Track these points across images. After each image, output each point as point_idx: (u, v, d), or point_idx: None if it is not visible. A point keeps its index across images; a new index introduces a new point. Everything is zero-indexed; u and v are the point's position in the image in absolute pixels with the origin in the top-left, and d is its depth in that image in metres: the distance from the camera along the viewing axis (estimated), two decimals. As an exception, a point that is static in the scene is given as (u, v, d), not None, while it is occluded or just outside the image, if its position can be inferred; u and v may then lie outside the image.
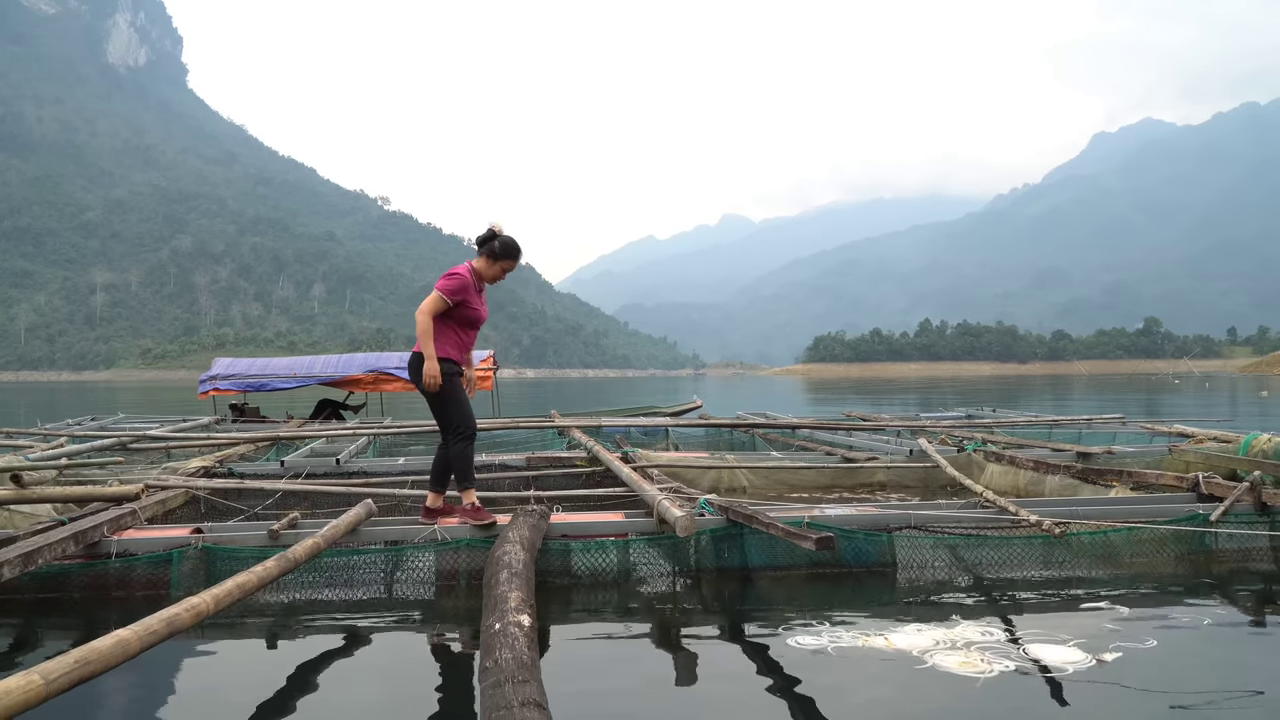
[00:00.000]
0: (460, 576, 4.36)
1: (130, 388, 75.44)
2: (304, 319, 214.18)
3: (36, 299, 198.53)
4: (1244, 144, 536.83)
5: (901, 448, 8.40)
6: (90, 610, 4.08)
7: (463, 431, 4.88)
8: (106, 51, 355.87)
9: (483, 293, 4.97)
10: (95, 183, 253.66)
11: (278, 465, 7.55)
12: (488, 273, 4.90)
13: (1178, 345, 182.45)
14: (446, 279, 4.79)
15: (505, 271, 4.93)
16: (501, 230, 4.89)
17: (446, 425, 4.93)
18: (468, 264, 4.88)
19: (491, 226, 4.91)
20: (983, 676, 3.06)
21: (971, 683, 3.01)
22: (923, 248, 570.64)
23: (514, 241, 4.90)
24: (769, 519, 4.33)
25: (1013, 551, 4.59)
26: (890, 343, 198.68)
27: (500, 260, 4.88)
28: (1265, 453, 5.98)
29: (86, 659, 2.29)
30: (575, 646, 3.59)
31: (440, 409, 4.88)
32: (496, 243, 4.85)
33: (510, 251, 4.89)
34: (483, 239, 4.88)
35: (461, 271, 4.82)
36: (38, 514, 5.23)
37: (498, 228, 4.90)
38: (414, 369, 4.88)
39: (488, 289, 5.05)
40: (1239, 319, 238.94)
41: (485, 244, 4.88)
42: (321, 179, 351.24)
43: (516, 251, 4.92)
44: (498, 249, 4.85)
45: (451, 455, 4.89)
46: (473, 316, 4.88)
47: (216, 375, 14.37)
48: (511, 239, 4.89)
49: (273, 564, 3.51)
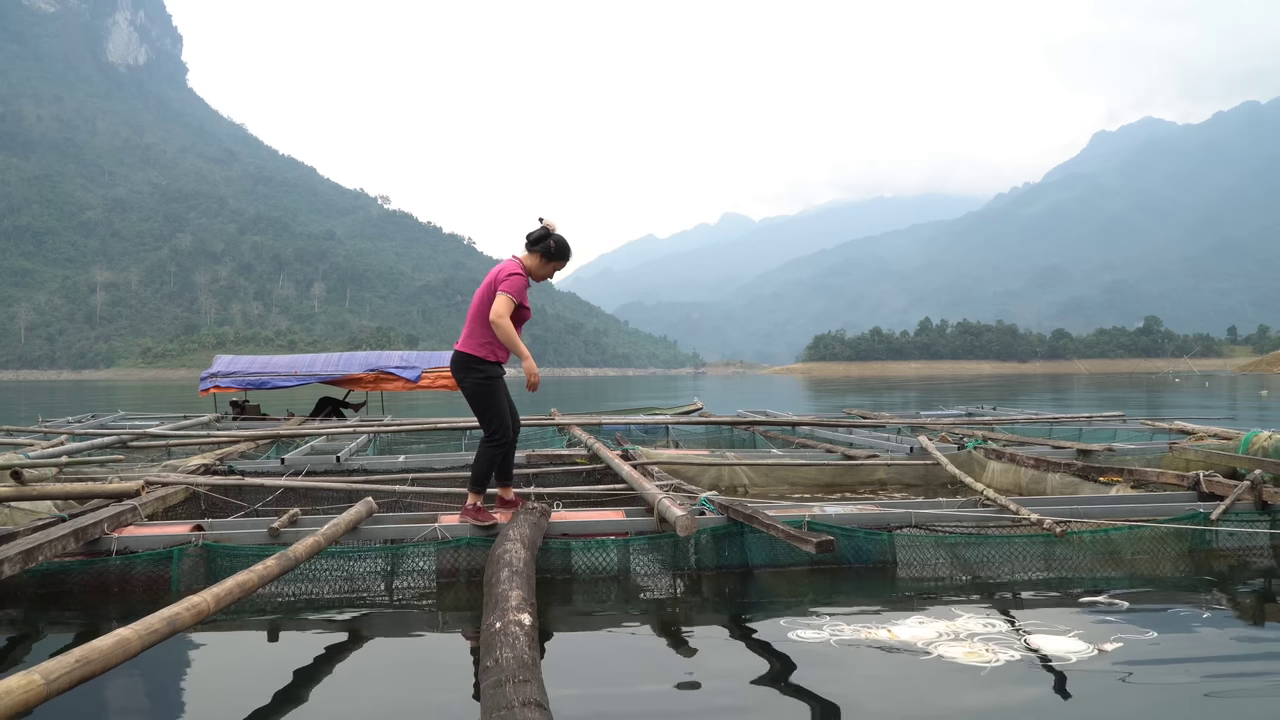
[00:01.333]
0: (461, 574, 4.35)
1: (130, 386, 75.43)
2: (304, 318, 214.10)
3: (36, 298, 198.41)
4: (1244, 143, 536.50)
5: (902, 445, 8.40)
6: (90, 607, 4.07)
7: (495, 438, 4.79)
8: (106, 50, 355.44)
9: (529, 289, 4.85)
10: (95, 181, 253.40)
11: (278, 463, 7.54)
12: (540, 271, 4.81)
13: (1178, 344, 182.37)
14: (512, 279, 4.64)
15: (555, 272, 4.85)
16: (555, 228, 4.77)
17: (483, 426, 4.87)
18: (517, 261, 4.75)
19: (545, 224, 4.78)
20: (989, 665, 3.07)
21: (977, 671, 3.02)
22: (923, 246, 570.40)
23: (567, 242, 4.80)
24: (769, 519, 4.32)
25: (1014, 550, 4.58)
26: (890, 341, 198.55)
27: (553, 260, 4.79)
28: (1265, 450, 5.97)
29: (87, 658, 2.29)
30: (576, 645, 3.58)
31: (479, 410, 4.82)
32: (552, 242, 4.75)
33: (564, 252, 4.81)
34: (536, 236, 4.75)
35: (518, 270, 4.68)
36: (38, 511, 5.23)
37: (551, 225, 4.78)
38: (457, 367, 4.81)
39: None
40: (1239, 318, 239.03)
41: (539, 242, 4.75)
42: (321, 178, 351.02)
43: (569, 253, 4.84)
44: (553, 249, 4.76)
45: (478, 453, 4.84)
46: (523, 315, 4.79)
47: (217, 373, 14.36)
48: (565, 240, 4.78)
49: (273, 562, 3.51)
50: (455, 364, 4.83)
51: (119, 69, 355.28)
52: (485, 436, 4.83)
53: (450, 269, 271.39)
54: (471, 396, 4.78)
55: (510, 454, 4.97)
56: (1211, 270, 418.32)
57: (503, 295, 4.61)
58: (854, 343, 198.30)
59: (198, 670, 3.37)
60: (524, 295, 4.69)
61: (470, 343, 4.78)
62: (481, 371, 4.74)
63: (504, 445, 4.82)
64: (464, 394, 4.83)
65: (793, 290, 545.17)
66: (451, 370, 4.88)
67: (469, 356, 4.76)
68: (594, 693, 3.03)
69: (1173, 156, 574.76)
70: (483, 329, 4.73)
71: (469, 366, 4.77)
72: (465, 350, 4.78)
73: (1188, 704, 2.86)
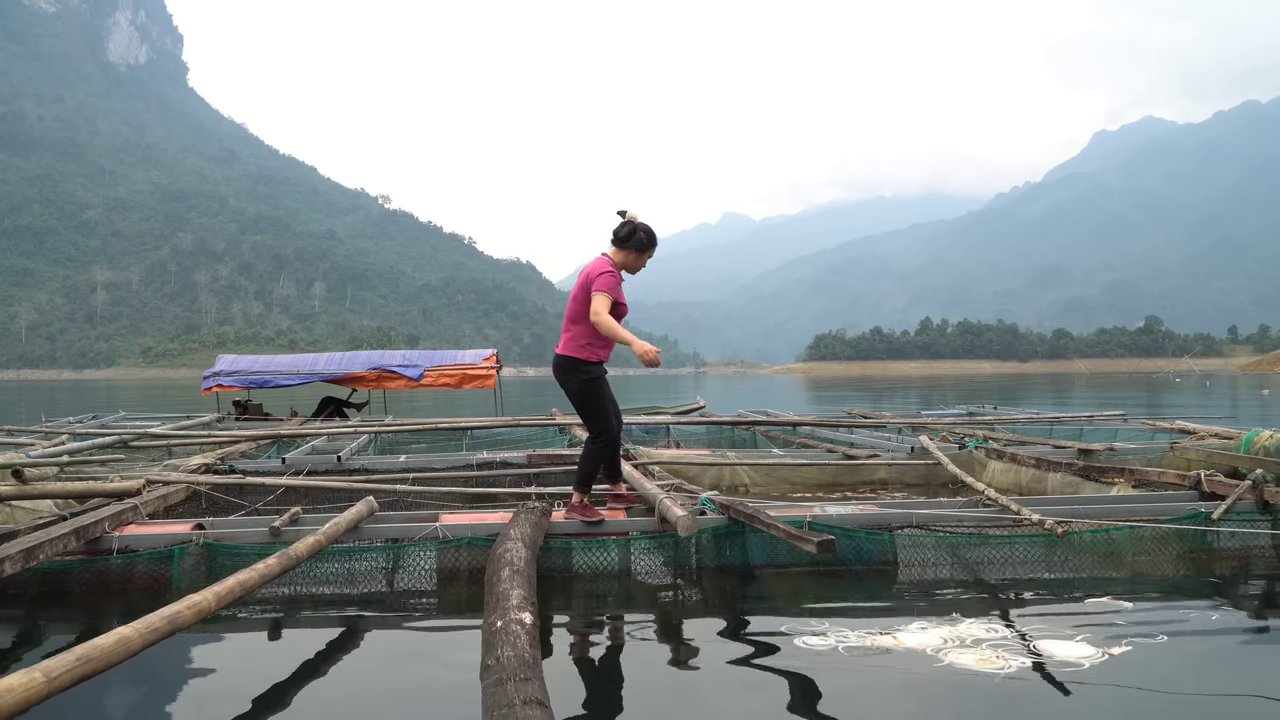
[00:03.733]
0: (462, 573, 4.35)
1: (131, 386, 75.45)
2: (305, 317, 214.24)
3: (37, 297, 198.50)
4: (1245, 142, 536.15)
5: (903, 445, 8.39)
6: (91, 606, 4.07)
7: (601, 438, 4.83)
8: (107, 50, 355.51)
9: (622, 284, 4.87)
10: (96, 181, 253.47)
11: (279, 462, 7.55)
12: (633, 265, 4.84)
13: (1178, 344, 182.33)
14: (604, 277, 4.65)
15: (646, 262, 4.88)
16: (637, 218, 4.79)
17: (588, 427, 4.91)
18: (607, 259, 4.77)
19: (629, 216, 4.79)
20: (1001, 672, 3.05)
21: (990, 679, 3.00)
22: (923, 246, 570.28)
23: (653, 231, 4.83)
24: (770, 519, 4.32)
25: (1015, 551, 4.58)
26: (891, 341, 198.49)
27: (645, 251, 4.82)
28: (1267, 450, 5.96)
29: (88, 656, 2.29)
30: (577, 644, 3.58)
31: (585, 411, 4.84)
32: (642, 234, 4.77)
33: (654, 240, 4.83)
34: (626, 233, 4.76)
35: (610, 268, 4.71)
36: (39, 510, 5.23)
37: (634, 217, 4.79)
38: (559, 370, 4.84)
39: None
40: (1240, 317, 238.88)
41: (631, 237, 4.76)
42: (322, 177, 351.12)
43: (656, 240, 4.86)
44: (644, 239, 4.78)
45: (583, 453, 4.90)
46: (620, 311, 4.80)
47: (220, 372, 14.38)
48: (650, 226, 4.80)
49: (274, 561, 3.51)
50: (558, 367, 4.86)
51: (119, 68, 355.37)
52: (590, 437, 4.88)
53: (451, 269, 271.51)
54: (576, 398, 4.82)
55: (616, 452, 5.04)
56: (1212, 269, 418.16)
57: (599, 295, 4.63)
58: (854, 342, 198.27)
59: (199, 669, 3.37)
60: (619, 291, 4.74)
61: (571, 345, 4.80)
62: (585, 373, 4.77)
63: (610, 445, 4.88)
64: (568, 396, 4.86)
65: (793, 290, 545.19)
66: (554, 373, 4.91)
67: (571, 359, 4.79)
68: (595, 692, 3.03)
69: (1173, 156, 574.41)
70: (581, 330, 4.76)
71: (572, 369, 4.80)
72: (566, 353, 4.81)
73: (1205, 708, 2.84)
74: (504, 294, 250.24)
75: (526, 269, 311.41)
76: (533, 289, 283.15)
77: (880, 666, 3.18)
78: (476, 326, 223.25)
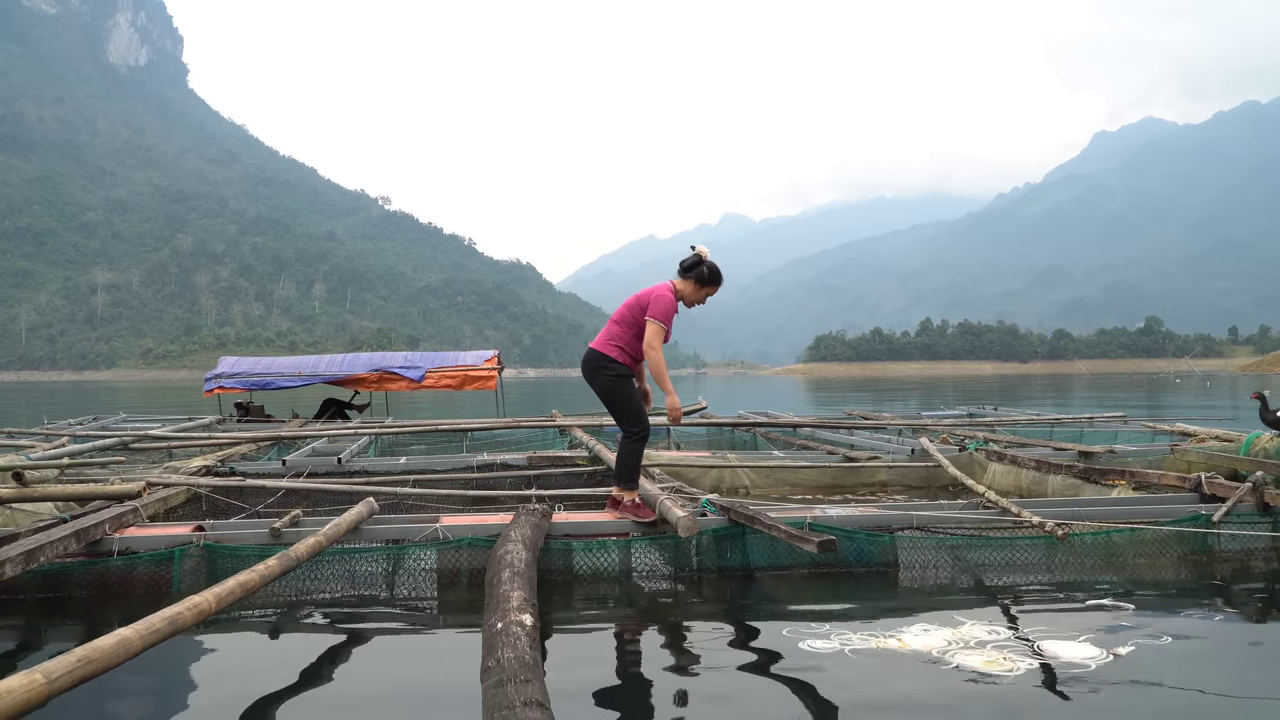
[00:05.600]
0: (462, 575, 4.35)
1: (131, 388, 75.46)
2: (305, 319, 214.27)
3: (37, 299, 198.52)
4: (1245, 143, 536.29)
5: (903, 447, 8.39)
6: (92, 608, 4.07)
7: (636, 431, 4.92)
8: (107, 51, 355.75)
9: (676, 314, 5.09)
10: (96, 182, 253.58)
11: (279, 464, 7.55)
12: (693, 297, 4.99)
13: (1179, 344, 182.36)
14: (659, 301, 4.84)
15: (707, 296, 5.04)
16: (706, 255, 5.00)
17: (620, 423, 5.00)
18: (670, 285, 4.95)
19: (698, 251, 5.01)
20: (1011, 674, 3.04)
21: (1000, 680, 2.99)
22: (923, 247, 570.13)
23: (718, 269, 5.02)
24: (771, 520, 4.32)
25: (1015, 552, 4.58)
26: (891, 342, 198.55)
27: (706, 285, 4.98)
28: (1267, 452, 5.96)
29: (89, 658, 2.29)
30: (577, 646, 3.58)
31: (615, 405, 4.95)
32: (705, 268, 4.94)
33: (716, 278, 5.00)
34: (690, 264, 4.96)
35: (669, 296, 4.89)
36: (39, 512, 5.23)
37: (704, 253, 5.00)
38: (588, 366, 4.96)
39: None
40: (1240, 318, 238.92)
41: (693, 269, 4.95)
42: (322, 179, 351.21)
43: (721, 278, 5.04)
44: (706, 274, 4.95)
45: (623, 450, 4.96)
46: (665, 338, 4.97)
47: (222, 374, 14.40)
48: (716, 266, 5.01)
49: (275, 562, 3.51)
50: (587, 363, 4.98)
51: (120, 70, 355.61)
52: (625, 432, 4.96)
53: (451, 270, 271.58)
54: (604, 393, 4.91)
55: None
56: (1212, 270, 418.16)
57: (653, 324, 4.81)
58: (855, 343, 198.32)
59: (199, 670, 3.37)
60: (670, 319, 4.90)
61: (607, 344, 4.94)
62: (612, 370, 4.89)
63: (645, 438, 4.97)
64: (597, 393, 4.96)
65: (793, 290, 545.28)
66: (582, 369, 5.02)
67: (601, 355, 4.92)
68: (595, 693, 3.03)
69: (1173, 156, 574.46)
70: (622, 334, 4.91)
71: (600, 365, 4.91)
72: (598, 349, 4.94)
73: (1216, 710, 2.84)
74: (504, 295, 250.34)
75: (527, 270, 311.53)
76: (533, 290, 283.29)
77: (889, 669, 3.17)
78: (477, 328, 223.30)
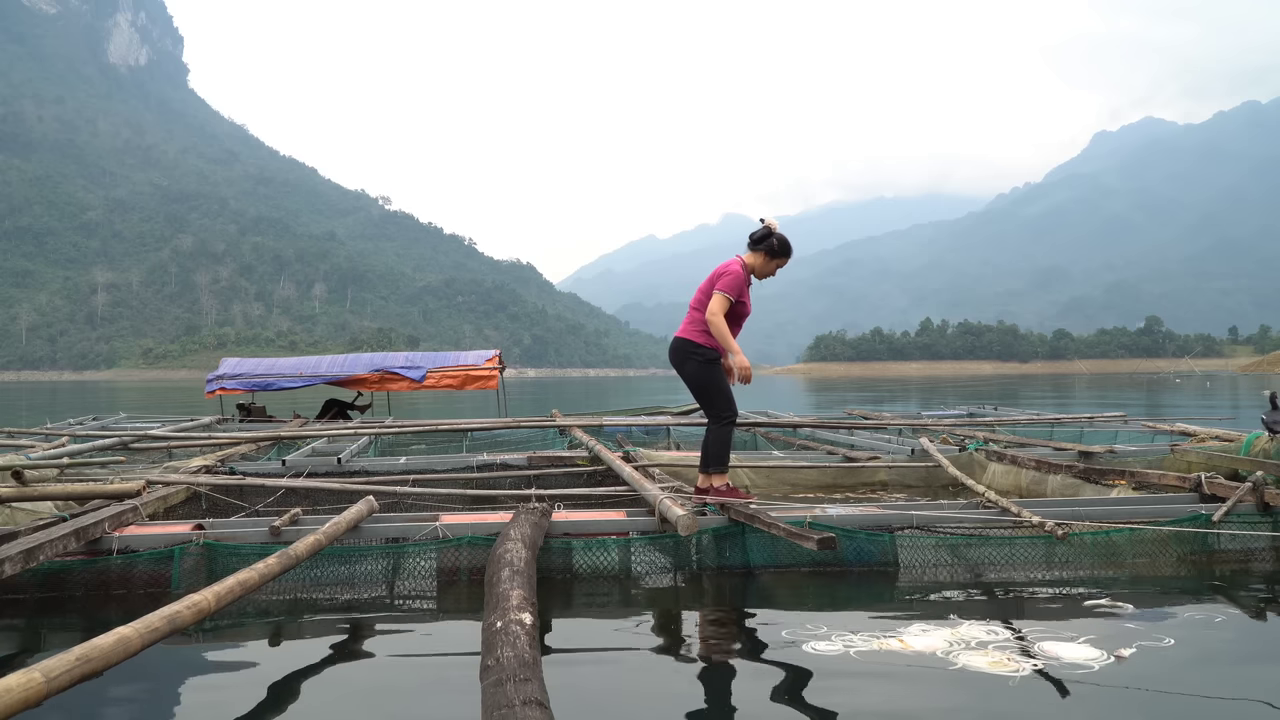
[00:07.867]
0: (462, 574, 4.35)
1: (131, 388, 75.48)
2: (305, 319, 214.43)
3: (38, 299, 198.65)
4: (1245, 142, 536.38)
5: (903, 447, 8.39)
6: (91, 607, 4.07)
7: (725, 416, 4.97)
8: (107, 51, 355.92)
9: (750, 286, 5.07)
10: (96, 182, 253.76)
11: (279, 464, 7.54)
12: (763, 269, 5.02)
13: (1179, 344, 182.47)
14: (728, 278, 4.88)
15: (778, 269, 5.06)
16: (776, 227, 4.99)
17: (709, 408, 5.03)
18: (739, 259, 4.98)
19: (767, 223, 5.01)
20: (1016, 675, 3.02)
21: (1005, 682, 2.97)
22: (924, 247, 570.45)
23: (788, 241, 5.03)
24: (771, 519, 4.32)
25: (1015, 552, 4.58)
26: (891, 342, 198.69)
27: (776, 257, 5.00)
28: (1267, 452, 5.96)
29: (88, 656, 2.29)
30: (577, 645, 3.58)
31: (704, 391, 4.99)
32: (774, 240, 4.95)
33: (786, 249, 5.01)
34: (760, 235, 4.98)
35: (737, 269, 4.92)
36: (39, 511, 5.23)
37: (773, 225, 4.99)
38: (676, 353, 5.04)
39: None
40: (1240, 318, 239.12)
41: (763, 240, 4.96)
42: (322, 178, 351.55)
43: (790, 250, 5.04)
44: (775, 246, 4.97)
45: (711, 436, 4.99)
46: (741, 311, 4.98)
47: (224, 375, 14.42)
48: (786, 238, 5.01)
49: (274, 561, 3.51)
50: (674, 350, 5.06)
51: (120, 70, 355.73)
52: (713, 417, 5.01)
53: (451, 270, 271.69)
54: (693, 379, 4.98)
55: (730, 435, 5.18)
56: (1212, 270, 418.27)
57: (719, 295, 4.86)
58: (855, 343, 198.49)
59: (198, 669, 3.37)
60: (742, 292, 4.94)
61: (691, 330, 5.02)
62: (700, 355, 4.95)
63: (734, 423, 5.03)
64: (685, 380, 5.03)
65: (793, 290, 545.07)
66: (670, 358, 5.09)
67: (688, 341, 4.99)
68: (595, 692, 3.03)
69: (1173, 156, 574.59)
70: (701, 317, 4.97)
71: (688, 351, 4.99)
72: (684, 336, 5.01)
73: (1221, 711, 2.83)
74: (504, 295, 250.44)
75: (527, 270, 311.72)
76: (533, 290, 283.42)
77: (893, 670, 3.15)
78: (477, 328, 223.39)
